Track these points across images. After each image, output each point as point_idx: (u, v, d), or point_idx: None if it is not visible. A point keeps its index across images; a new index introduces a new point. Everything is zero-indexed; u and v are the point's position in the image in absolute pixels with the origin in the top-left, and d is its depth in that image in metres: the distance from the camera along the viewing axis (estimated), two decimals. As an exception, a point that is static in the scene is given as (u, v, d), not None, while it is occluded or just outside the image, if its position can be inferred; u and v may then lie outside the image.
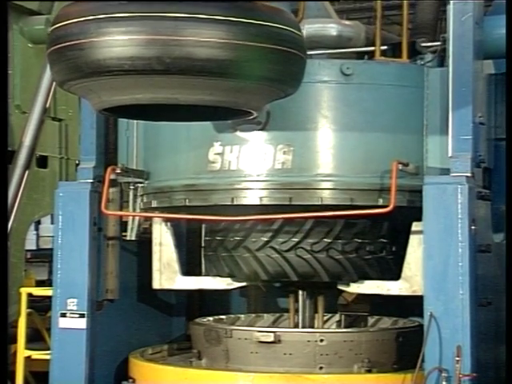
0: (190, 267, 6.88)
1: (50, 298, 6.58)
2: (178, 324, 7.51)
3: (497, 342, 5.89)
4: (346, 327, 6.83)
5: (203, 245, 6.74)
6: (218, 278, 6.52)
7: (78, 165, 6.98)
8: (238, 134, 5.98)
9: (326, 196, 5.90)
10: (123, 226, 6.74)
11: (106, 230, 6.56)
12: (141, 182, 6.54)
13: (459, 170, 5.73)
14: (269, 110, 5.78)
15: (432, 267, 5.66)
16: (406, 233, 6.07)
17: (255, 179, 5.97)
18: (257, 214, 6.00)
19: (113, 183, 6.45)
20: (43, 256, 12.19)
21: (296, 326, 6.63)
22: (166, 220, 6.62)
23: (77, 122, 7.99)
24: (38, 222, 13.57)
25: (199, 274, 6.75)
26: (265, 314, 7.19)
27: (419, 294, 5.81)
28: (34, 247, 13.90)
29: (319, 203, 5.89)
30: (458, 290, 5.57)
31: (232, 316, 7.18)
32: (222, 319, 7.03)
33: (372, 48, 6.39)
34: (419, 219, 5.79)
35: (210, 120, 5.52)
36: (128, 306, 6.87)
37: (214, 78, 4.54)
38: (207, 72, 4.50)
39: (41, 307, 8.28)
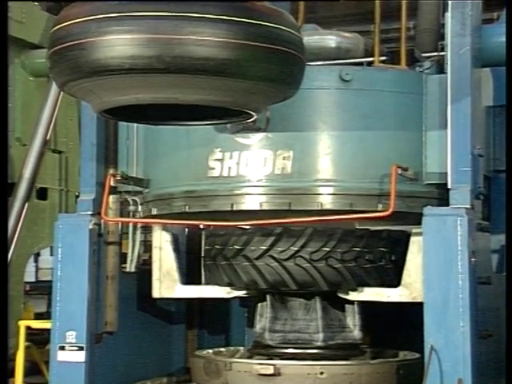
0: (190, 276, 6.84)
1: (48, 330, 6.55)
2: (178, 356, 7.47)
3: (497, 375, 5.86)
4: (346, 359, 6.79)
5: (203, 254, 6.71)
6: (218, 287, 6.49)
7: (77, 197, 6.98)
8: (238, 139, 5.98)
9: (326, 201, 5.89)
10: (123, 257, 6.73)
11: (106, 262, 6.55)
12: (140, 192, 6.54)
13: (459, 201, 5.74)
14: (268, 116, 5.78)
15: (432, 299, 5.65)
16: (405, 241, 6.06)
17: (255, 185, 5.96)
18: (256, 220, 5.99)
19: (113, 191, 6.45)
20: (42, 288, 12.14)
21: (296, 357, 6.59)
22: (166, 228, 6.61)
23: (77, 154, 7.99)
24: (38, 254, 13.55)
25: (199, 283, 6.71)
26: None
27: (419, 300, 5.78)
28: (33, 279, 13.88)
29: (319, 208, 5.88)
30: (458, 322, 5.56)
31: (231, 348, 7.15)
32: (222, 351, 7.00)
33: (371, 59, 6.37)
34: (419, 225, 5.76)
35: (209, 122, 5.49)
36: (127, 338, 6.84)
37: (214, 78, 4.54)
38: (207, 71, 4.50)
39: (39, 340, 8.24)
